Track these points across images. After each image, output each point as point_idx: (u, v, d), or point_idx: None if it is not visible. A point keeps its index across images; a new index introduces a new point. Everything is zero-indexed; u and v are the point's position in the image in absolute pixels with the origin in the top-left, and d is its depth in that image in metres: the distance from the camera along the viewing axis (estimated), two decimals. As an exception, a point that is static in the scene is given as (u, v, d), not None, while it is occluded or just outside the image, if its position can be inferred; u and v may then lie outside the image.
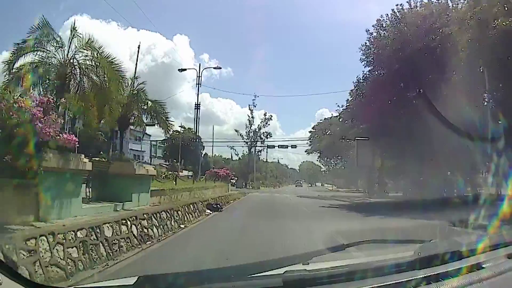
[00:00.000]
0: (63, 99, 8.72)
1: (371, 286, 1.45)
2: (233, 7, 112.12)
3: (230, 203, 21.67)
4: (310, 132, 50.97)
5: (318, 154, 54.00)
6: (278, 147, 54.48)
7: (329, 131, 43.92)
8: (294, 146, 53.07)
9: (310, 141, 50.65)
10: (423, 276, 1.51)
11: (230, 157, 70.33)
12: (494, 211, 8.62)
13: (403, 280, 1.48)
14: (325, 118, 47.04)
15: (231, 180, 53.51)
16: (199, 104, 31.55)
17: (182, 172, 40.00)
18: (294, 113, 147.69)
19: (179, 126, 62.11)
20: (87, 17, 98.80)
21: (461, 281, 1.49)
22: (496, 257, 1.74)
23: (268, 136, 59.59)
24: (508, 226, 7.20)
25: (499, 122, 15.27)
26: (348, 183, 68.85)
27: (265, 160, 75.35)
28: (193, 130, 65.86)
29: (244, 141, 59.55)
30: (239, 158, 64.17)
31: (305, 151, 51.09)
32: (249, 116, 58.71)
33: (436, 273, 1.54)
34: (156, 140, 66.19)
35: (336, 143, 41.43)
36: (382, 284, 1.46)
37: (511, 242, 1.89)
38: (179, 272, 1.86)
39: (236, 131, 60.86)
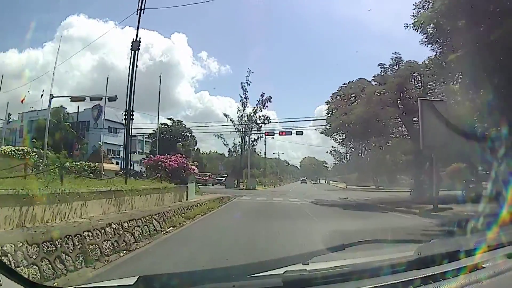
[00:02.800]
0: None
1: (370, 286, 1.45)
2: (231, 4, 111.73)
3: (152, 241, 7.74)
4: (327, 103, 29.47)
5: (341, 136, 31.84)
6: (279, 134, 42.65)
7: (361, 95, 25.43)
8: (299, 133, 41.31)
9: (328, 116, 29.66)
10: (423, 276, 1.51)
11: (228, 153, 56.48)
12: None
13: (403, 280, 1.49)
14: (349, 82, 27.37)
15: (207, 178, 43.20)
16: (139, 41, 17.05)
17: (108, 163, 32.68)
18: (293, 110, 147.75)
19: (167, 119, 57.19)
20: (84, 17, 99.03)
21: (461, 281, 1.49)
22: (496, 257, 1.75)
23: (266, 121, 44.80)
24: None
25: None
26: (361, 179, 58.57)
27: (263, 155, 64.53)
28: (184, 123, 59.57)
29: (234, 126, 45.10)
30: (229, 149, 49.65)
31: (322, 132, 32.33)
32: (241, 97, 44.63)
33: (436, 273, 1.54)
34: (143, 134, 60.96)
35: (373, 116, 23.77)
36: (382, 284, 1.46)
37: (510, 242, 1.90)
38: (179, 272, 1.87)
39: (226, 115, 48.94)
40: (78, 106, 41.27)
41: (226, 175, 49.41)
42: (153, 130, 58.00)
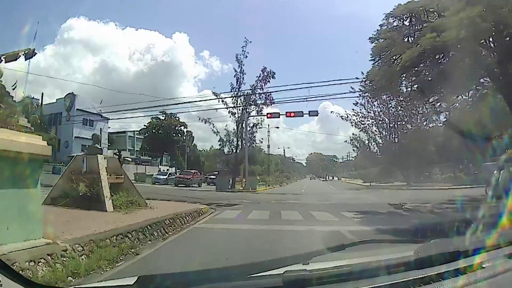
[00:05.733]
0: None
1: (370, 286, 1.45)
2: (232, 2, 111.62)
3: None
4: (372, 39, 16.13)
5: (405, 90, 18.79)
6: (286, 116, 33.66)
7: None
8: (313, 113, 33.93)
9: (375, 64, 16.25)
10: (423, 276, 1.51)
11: (219, 143, 38.38)
12: None
13: (403, 280, 1.49)
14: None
15: (190, 177, 34.65)
16: None
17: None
18: (295, 108, 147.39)
19: (160, 112, 50.62)
20: (84, 19, 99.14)
21: (461, 281, 1.50)
22: (496, 257, 1.75)
23: (269, 100, 33.38)
24: None
25: None
26: (383, 174, 48.02)
27: (266, 150, 56.09)
28: (177, 116, 53.49)
29: (226, 107, 33.88)
30: (221, 138, 35.58)
31: (361, 90, 21.76)
32: (236, 71, 33.51)
33: (436, 273, 1.55)
34: (134, 131, 56.72)
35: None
36: (382, 284, 1.46)
37: (510, 243, 1.90)
38: (179, 272, 1.87)
39: (215, 94, 33.90)
40: (42, 93, 37.32)
41: (216, 173, 40.14)
42: (144, 125, 55.65)
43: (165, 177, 38.00)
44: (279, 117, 34.85)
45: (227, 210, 13.58)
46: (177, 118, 54.75)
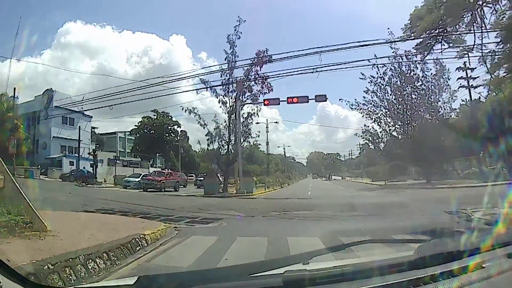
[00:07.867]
0: None
1: (371, 286, 1.45)
2: (231, 4, 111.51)
3: None
4: None
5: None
6: (288, 102, 27.03)
7: None
8: (322, 98, 28.02)
9: None
10: (423, 276, 1.51)
11: (208, 138, 31.85)
12: None
13: (403, 280, 1.49)
14: None
15: (162, 180, 28.89)
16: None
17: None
18: (295, 108, 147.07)
19: (151, 111, 48.25)
20: (81, 23, 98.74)
21: (461, 281, 1.49)
22: (496, 257, 1.74)
23: (266, 86, 27.63)
24: None
25: None
26: (394, 172, 43.05)
27: (264, 148, 53.00)
28: (170, 115, 50.20)
29: (216, 97, 27.81)
30: (209, 132, 28.23)
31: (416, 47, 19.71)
32: (227, 53, 27.53)
33: (435, 273, 1.54)
34: (125, 132, 54.39)
35: None
36: (382, 284, 1.46)
37: (511, 242, 1.90)
38: (179, 272, 1.86)
39: (203, 81, 27.98)
40: (14, 89, 32.76)
41: (205, 173, 34.56)
42: (135, 125, 52.87)
43: (137, 179, 32.18)
44: (279, 103, 28.01)
45: (194, 236, 7.50)
46: (170, 117, 52.39)
